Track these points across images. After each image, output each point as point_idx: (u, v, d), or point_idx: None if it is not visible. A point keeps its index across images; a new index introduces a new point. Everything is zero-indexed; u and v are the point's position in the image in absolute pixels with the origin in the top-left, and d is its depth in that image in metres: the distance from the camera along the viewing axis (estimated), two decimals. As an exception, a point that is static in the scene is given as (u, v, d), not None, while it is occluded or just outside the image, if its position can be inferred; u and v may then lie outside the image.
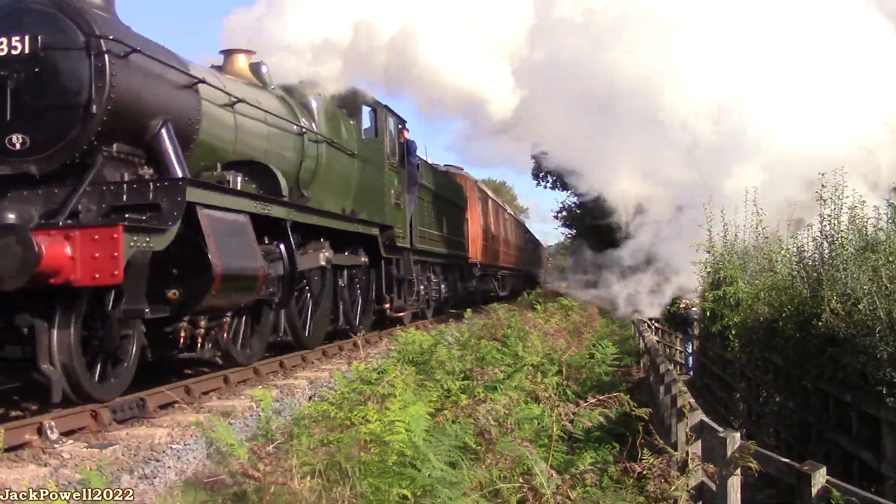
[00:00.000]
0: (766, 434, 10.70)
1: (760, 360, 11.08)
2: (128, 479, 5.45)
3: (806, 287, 9.28)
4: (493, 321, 14.52)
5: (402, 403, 4.18)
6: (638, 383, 12.24)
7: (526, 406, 5.60)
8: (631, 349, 16.59)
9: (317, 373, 10.15)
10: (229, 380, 8.76)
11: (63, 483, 5.04)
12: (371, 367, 6.94)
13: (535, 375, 5.24)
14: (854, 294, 7.84)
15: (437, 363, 7.26)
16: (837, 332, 7.68)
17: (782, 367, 9.73)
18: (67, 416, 6.40)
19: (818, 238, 9.43)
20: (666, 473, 4.40)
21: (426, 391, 5.79)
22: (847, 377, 7.38)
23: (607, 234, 35.65)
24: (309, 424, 5.49)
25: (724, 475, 5.02)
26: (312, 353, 11.36)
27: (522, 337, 11.30)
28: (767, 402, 10.87)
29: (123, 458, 5.82)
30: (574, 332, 15.49)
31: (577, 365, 10.19)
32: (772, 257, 12.09)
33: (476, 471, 4.05)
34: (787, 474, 4.97)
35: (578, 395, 7.02)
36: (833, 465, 7.24)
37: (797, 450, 8.74)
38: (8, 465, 5.40)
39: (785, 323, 9.51)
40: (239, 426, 6.98)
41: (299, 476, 3.99)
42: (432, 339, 8.64)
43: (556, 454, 4.73)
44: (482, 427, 4.34)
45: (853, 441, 7.25)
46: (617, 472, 4.44)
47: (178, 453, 6.05)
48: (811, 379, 8.41)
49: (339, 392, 6.24)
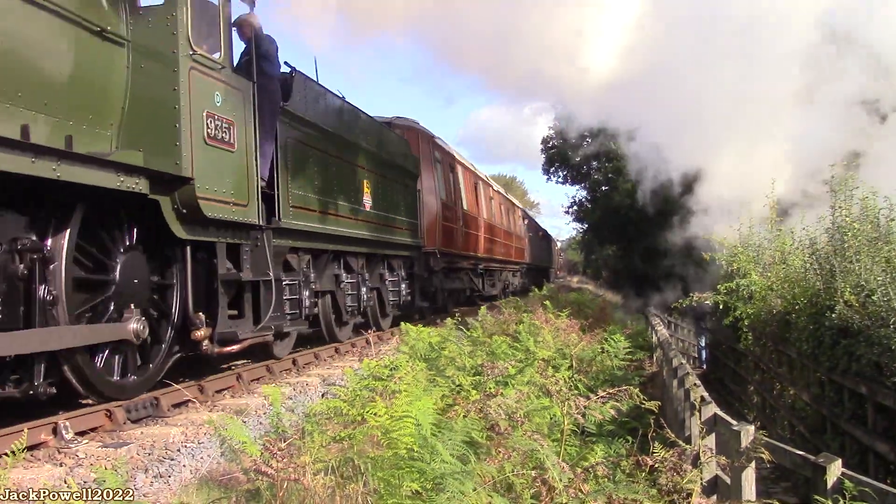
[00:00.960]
0: (780, 427, 10.65)
1: (774, 352, 11.02)
2: (143, 478, 5.49)
3: (819, 279, 9.23)
4: (506, 317, 14.51)
5: (410, 398, 4.18)
6: (651, 377, 12.20)
7: (537, 400, 5.61)
8: (644, 343, 16.55)
9: (329, 370, 10.19)
10: (242, 378, 8.80)
11: (78, 483, 5.08)
12: (382, 364, 6.95)
13: (546, 370, 5.23)
14: (868, 285, 7.79)
15: (448, 360, 7.26)
16: (852, 324, 7.64)
17: (796, 359, 9.69)
18: (82, 416, 6.44)
19: (831, 229, 9.37)
20: (678, 467, 4.38)
21: (437, 387, 5.80)
22: (862, 369, 7.34)
23: (619, 227, 35.70)
24: (322, 421, 5.51)
25: (738, 468, 5.00)
26: (325, 350, 11.39)
27: (534, 332, 11.28)
28: (781, 394, 10.82)
29: (138, 457, 5.86)
30: (586, 327, 15.46)
31: (589, 359, 10.17)
32: (784, 249, 12.03)
33: (487, 465, 4.06)
34: (802, 467, 4.94)
35: (590, 389, 7.00)
36: (848, 457, 7.21)
37: (812, 442, 8.70)
38: (24, 465, 5.45)
39: (798, 315, 9.46)
40: (252, 424, 7.02)
41: (312, 473, 4.01)
42: (442, 337, 8.65)
43: (568, 448, 4.73)
44: (492, 421, 4.34)
45: (868, 433, 7.21)
46: (629, 466, 4.43)
47: (192, 452, 6.09)
48: (825, 371, 8.37)
49: (351, 389, 6.26)
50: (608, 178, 35.92)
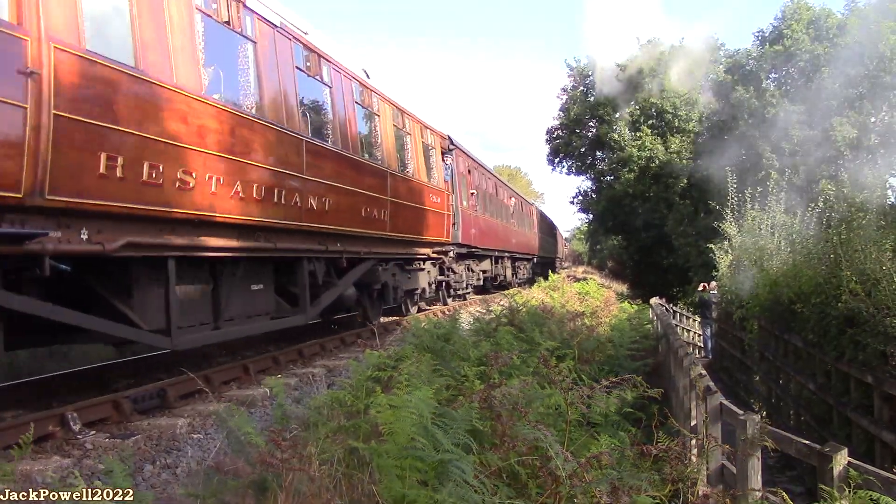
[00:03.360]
0: (786, 416, 10.64)
1: (780, 342, 11.00)
2: (150, 469, 5.53)
3: (825, 268, 9.20)
4: (512, 307, 14.50)
5: (410, 389, 4.19)
6: (656, 367, 12.20)
7: (542, 390, 5.61)
8: (649, 333, 16.53)
9: (335, 361, 10.22)
10: (249, 369, 8.83)
11: (86, 473, 5.12)
12: (386, 355, 6.97)
13: (550, 360, 5.23)
14: (874, 274, 7.75)
15: (452, 352, 7.27)
16: (858, 313, 7.60)
17: (802, 348, 9.66)
18: (90, 407, 6.48)
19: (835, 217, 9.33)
20: (682, 456, 4.38)
21: (441, 377, 5.81)
22: (868, 358, 7.31)
23: (623, 217, 35.63)
24: (327, 412, 5.53)
25: (744, 457, 5.00)
26: (330, 341, 11.41)
27: (540, 323, 11.28)
28: (787, 384, 10.80)
29: (145, 447, 5.90)
30: (592, 316, 15.44)
31: (593, 349, 10.17)
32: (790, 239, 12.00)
33: (491, 454, 4.07)
34: (808, 456, 4.95)
35: (595, 379, 7.01)
36: (855, 446, 7.19)
37: (818, 431, 8.68)
38: (32, 455, 5.48)
39: (804, 305, 9.43)
40: (259, 415, 7.05)
41: (318, 463, 4.02)
42: (447, 328, 8.66)
43: (573, 437, 4.73)
44: (496, 411, 4.34)
45: (875, 422, 7.19)
46: (633, 456, 4.44)
47: (198, 442, 6.13)
48: (831, 360, 8.34)
49: (356, 380, 6.27)
50: (612, 168, 35.87)
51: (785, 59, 30.37)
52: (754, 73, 31.16)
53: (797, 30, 30.21)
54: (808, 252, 10.49)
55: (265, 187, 8.25)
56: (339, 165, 10.45)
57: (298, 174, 9.09)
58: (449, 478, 3.33)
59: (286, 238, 9.03)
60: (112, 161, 5.92)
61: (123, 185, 6.06)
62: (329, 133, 10.54)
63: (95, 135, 5.79)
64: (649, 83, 33.86)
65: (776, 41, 31.01)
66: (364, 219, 11.33)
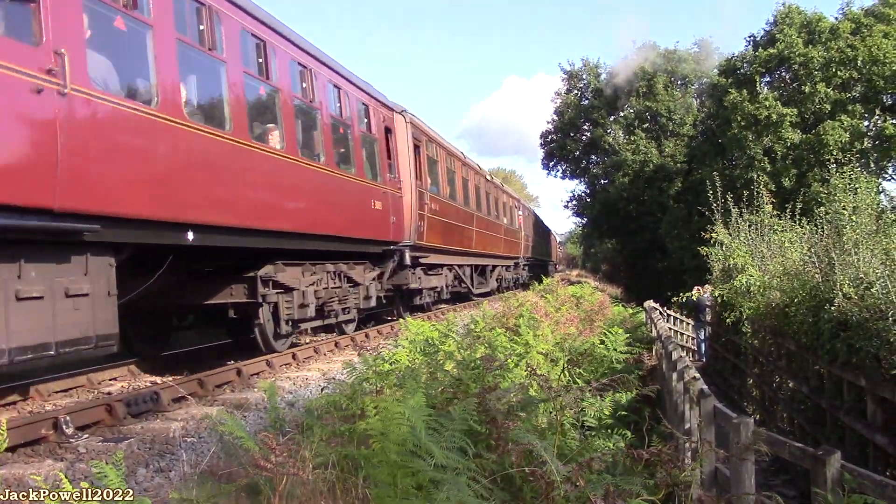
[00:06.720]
0: (779, 419, 10.66)
1: (773, 345, 11.03)
2: (143, 473, 5.50)
3: (818, 272, 9.23)
4: (507, 310, 14.51)
5: (400, 395, 4.17)
6: (650, 370, 12.21)
7: (536, 394, 5.61)
8: (643, 336, 16.56)
9: (329, 364, 10.20)
10: (242, 372, 8.81)
11: (79, 477, 5.09)
12: (381, 358, 6.94)
13: (544, 363, 5.23)
14: (867, 278, 7.78)
15: (446, 354, 7.26)
16: (850, 317, 7.63)
17: (795, 352, 9.69)
18: (82, 411, 6.45)
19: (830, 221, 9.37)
20: (675, 459, 4.38)
21: (435, 382, 5.80)
22: (861, 361, 7.33)
23: (618, 221, 35.69)
24: (322, 416, 5.50)
25: (738, 461, 5.01)
26: (325, 344, 11.40)
27: (534, 326, 11.28)
28: (781, 387, 10.83)
29: (139, 451, 5.86)
30: (586, 320, 15.46)
31: (586, 352, 10.17)
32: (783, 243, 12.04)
33: (487, 459, 4.06)
34: (801, 459, 4.95)
35: (588, 382, 7.01)
36: (848, 449, 7.21)
37: (811, 435, 8.71)
38: (25, 459, 5.46)
39: (797, 308, 9.46)
40: (253, 419, 7.02)
41: (312, 467, 4.01)
42: (441, 331, 8.64)
43: (568, 441, 4.73)
44: (491, 414, 4.34)
45: (868, 425, 7.21)
46: (626, 460, 4.44)
47: (192, 446, 6.10)
48: (824, 364, 8.37)
49: (350, 383, 6.25)
50: (607, 172, 35.97)
51: (778, 62, 30.51)
52: (748, 77, 31.30)
53: (790, 34, 30.36)
54: (801, 256, 10.52)
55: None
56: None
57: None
58: (444, 482, 3.33)
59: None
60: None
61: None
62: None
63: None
64: (643, 87, 34.01)
65: (769, 45, 31.16)
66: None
